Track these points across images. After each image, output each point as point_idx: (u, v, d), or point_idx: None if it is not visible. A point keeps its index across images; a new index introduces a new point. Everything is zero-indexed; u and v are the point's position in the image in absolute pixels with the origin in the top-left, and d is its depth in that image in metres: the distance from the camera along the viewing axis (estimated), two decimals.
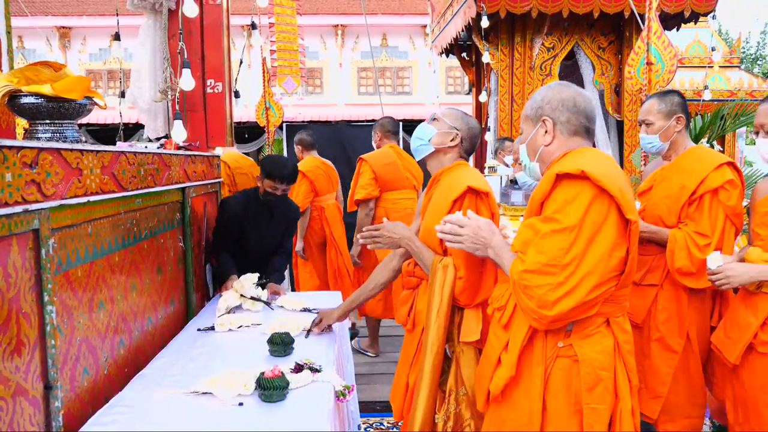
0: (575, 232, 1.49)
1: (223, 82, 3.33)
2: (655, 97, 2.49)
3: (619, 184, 1.53)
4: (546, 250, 1.51)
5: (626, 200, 1.51)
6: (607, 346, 1.59)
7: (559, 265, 1.49)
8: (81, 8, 14.35)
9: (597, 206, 1.50)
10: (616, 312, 1.61)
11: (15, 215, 1.34)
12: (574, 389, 1.57)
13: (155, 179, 2.28)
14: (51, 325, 1.47)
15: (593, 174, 1.49)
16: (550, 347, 1.60)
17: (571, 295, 1.48)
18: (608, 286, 1.53)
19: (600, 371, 1.57)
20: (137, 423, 1.63)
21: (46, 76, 1.83)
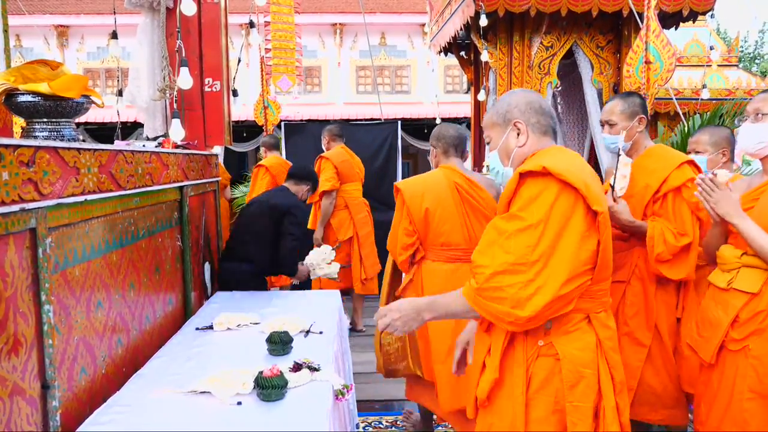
0: (541, 228, 1.49)
1: (221, 80, 3.32)
2: (618, 98, 2.56)
3: (584, 177, 1.54)
4: (513, 249, 1.50)
5: (592, 192, 1.52)
6: (589, 342, 1.59)
7: (528, 262, 1.48)
8: (79, 7, 14.31)
9: (562, 200, 1.51)
10: (595, 307, 1.61)
11: (12, 214, 1.34)
12: (556, 388, 1.56)
13: (153, 178, 2.28)
14: (48, 324, 1.47)
15: (555, 169, 1.51)
16: (531, 346, 1.59)
17: (542, 290, 1.47)
18: (582, 280, 1.53)
19: (582, 368, 1.57)
20: (135, 422, 1.63)
21: (43, 75, 1.82)
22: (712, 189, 2.01)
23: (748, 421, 1.94)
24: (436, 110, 10.37)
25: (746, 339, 1.97)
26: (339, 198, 4.85)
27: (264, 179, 5.15)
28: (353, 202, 4.91)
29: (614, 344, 1.64)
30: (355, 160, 5.07)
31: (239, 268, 3.22)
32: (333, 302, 2.97)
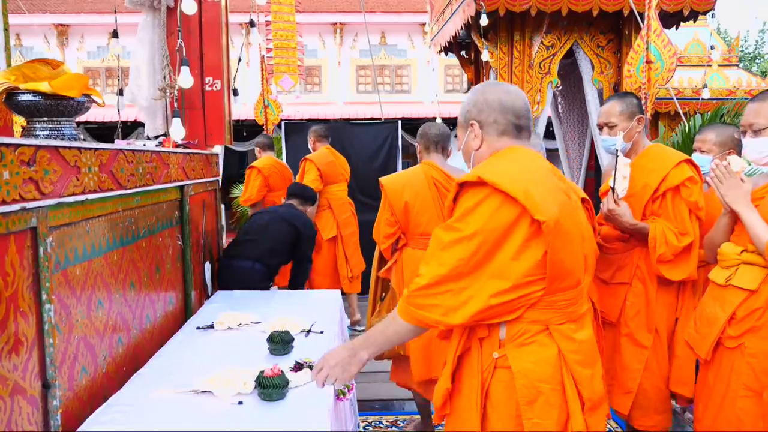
0: (476, 241, 1.43)
1: (221, 80, 3.32)
2: (615, 99, 2.54)
3: (527, 185, 1.44)
4: (446, 261, 1.46)
5: (534, 201, 1.42)
6: (547, 356, 1.49)
7: (460, 274, 1.44)
8: (79, 6, 14.30)
9: (500, 211, 1.44)
10: (556, 319, 1.50)
11: (12, 213, 1.34)
12: (516, 402, 1.49)
13: (153, 177, 2.27)
14: (49, 323, 1.47)
15: (491, 179, 1.44)
16: (486, 358, 1.54)
17: (472, 301, 1.44)
18: (524, 291, 1.45)
19: (539, 383, 1.47)
20: (136, 422, 1.62)
21: (44, 74, 1.82)
22: (725, 176, 2.01)
23: (742, 418, 1.93)
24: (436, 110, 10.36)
25: (742, 336, 1.96)
26: (322, 198, 4.97)
27: (256, 180, 5.13)
28: (337, 203, 5.04)
29: (583, 358, 1.52)
30: (340, 161, 5.18)
31: (252, 266, 3.29)
32: (334, 302, 2.96)
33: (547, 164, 1.62)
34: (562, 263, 1.47)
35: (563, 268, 1.47)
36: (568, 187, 1.61)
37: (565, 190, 1.56)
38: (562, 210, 1.47)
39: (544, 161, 1.62)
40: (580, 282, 1.55)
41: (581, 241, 1.56)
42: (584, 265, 1.57)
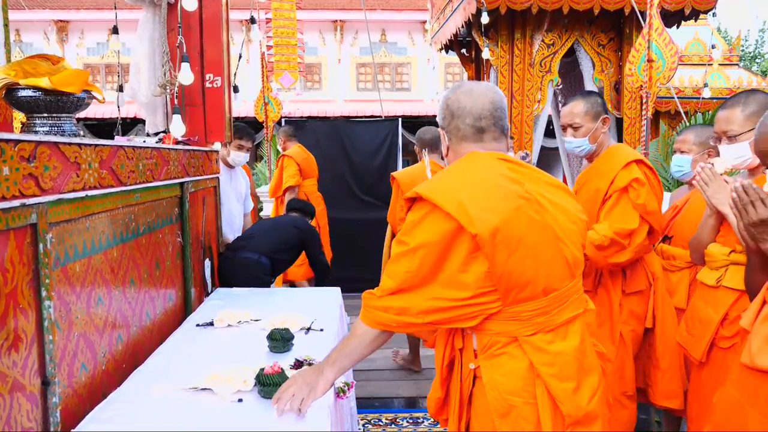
0: (419, 254, 1.42)
1: (222, 76, 3.31)
2: (579, 98, 2.46)
3: (461, 197, 1.41)
4: (395, 274, 1.46)
5: (466, 214, 1.38)
6: (517, 368, 1.45)
7: (410, 287, 1.44)
8: (79, 2, 14.28)
9: (441, 225, 1.42)
10: (524, 330, 1.45)
11: (12, 209, 1.33)
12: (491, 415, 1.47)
13: (154, 174, 2.27)
14: (49, 320, 1.46)
15: (427, 194, 1.44)
16: (465, 368, 1.54)
17: (417, 316, 1.44)
18: (477, 301, 1.42)
19: (509, 396, 1.44)
20: (135, 419, 1.62)
21: (44, 70, 1.81)
22: (710, 178, 1.98)
23: None
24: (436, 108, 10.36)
25: (736, 336, 1.95)
26: (300, 193, 5.30)
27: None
28: (312, 196, 5.36)
29: (559, 371, 1.45)
30: (311, 158, 5.48)
31: (258, 259, 3.34)
32: (334, 299, 2.96)
33: (500, 167, 1.51)
34: (513, 274, 1.41)
35: (516, 279, 1.42)
36: (535, 187, 1.52)
37: (523, 194, 1.46)
38: (508, 218, 1.41)
39: (496, 164, 1.52)
40: (551, 289, 1.47)
41: (548, 246, 1.47)
42: (559, 271, 1.49)
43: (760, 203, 1.51)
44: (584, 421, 1.46)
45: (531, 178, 1.54)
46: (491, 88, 1.62)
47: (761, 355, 1.45)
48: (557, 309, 1.48)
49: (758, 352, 1.46)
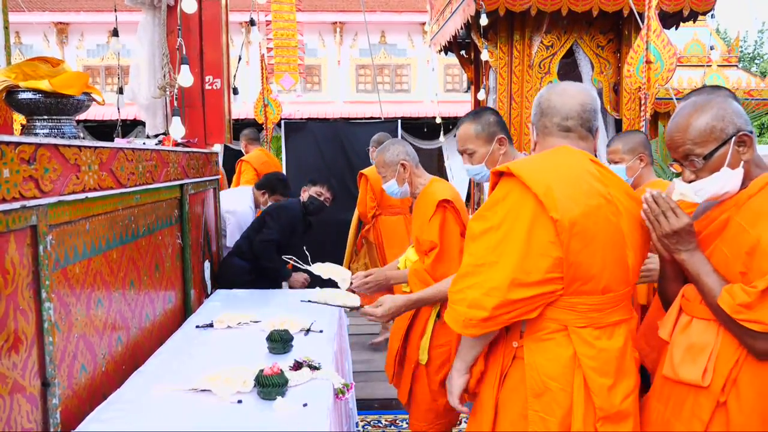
0: (503, 229, 1.49)
1: (221, 78, 3.32)
2: (468, 119, 2.21)
3: (550, 182, 1.49)
4: (474, 252, 1.53)
5: (552, 198, 1.46)
6: (561, 355, 1.49)
7: (486, 263, 1.49)
8: (78, 4, 14.28)
9: (526, 203, 1.49)
10: (577, 321, 1.50)
11: (13, 211, 1.34)
12: (525, 394, 1.52)
13: (153, 176, 2.27)
14: (49, 321, 1.47)
15: (517, 171, 1.52)
16: (508, 347, 1.58)
17: (493, 292, 1.46)
18: (543, 288, 1.46)
19: (547, 379, 1.48)
20: (135, 420, 1.63)
21: (44, 72, 1.81)
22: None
23: None
24: (436, 109, 10.36)
25: None
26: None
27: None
28: None
29: (600, 365, 1.48)
30: (273, 161, 5.44)
31: (238, 263, 3.37)
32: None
33: (589, 165, 1.56)
34: (581, 266, 1.46)
35: (584, 271, 1.47)
36: (617, 193, 1.55)
37: (606, 194, 1.51)
38: (588, 212, 1.46)
39: (585, 161, 1.57)
40: (609, 289, 1.51)
41: (616, 249, 1.52)
42: (620, 275, 1.53)
43: (671, 213, 1.48)
44: (615, 418, 1.50)
45: (614, 183, 1.58)
46: (584, 90, 1.66)
47: (684, 367, 1.47)
48: (610, 309, 1.54)
49: (681, 364, 1.48)
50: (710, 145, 1.45)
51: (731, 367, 1.42)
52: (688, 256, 1.49)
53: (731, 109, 1.46)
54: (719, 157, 1.45)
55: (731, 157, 1.45)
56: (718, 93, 1.52)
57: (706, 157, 1.46)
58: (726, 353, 1.43)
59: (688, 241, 1.49)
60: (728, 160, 1.45)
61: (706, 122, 1.45)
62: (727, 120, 1.44)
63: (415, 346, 2.42)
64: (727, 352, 1.43)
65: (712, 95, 1.50)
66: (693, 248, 1.49)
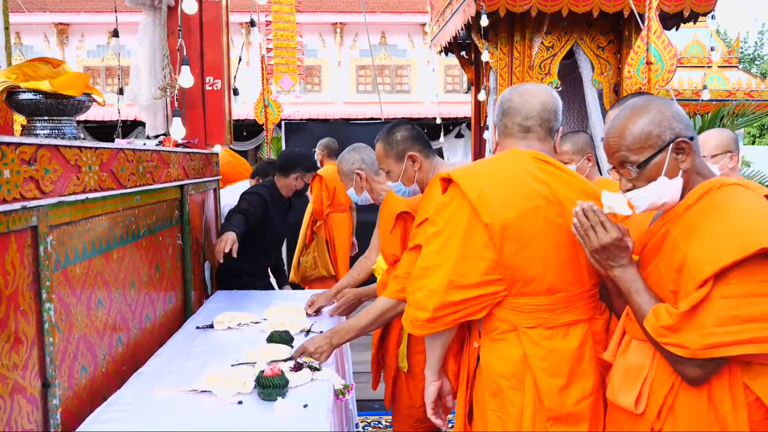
0: (446, 233, 1.54)
1: (221, 79, 3.32)
2: (380, 139, 2.23)
3: (483, 186, 1.55)
4: (425, 255, 1.59)
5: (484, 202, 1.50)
6: (512, 355, 1.52)
7: (431, 266, 1.54)
8: (79, 5, 14.30)
9: (463, 208, 1.55)
10: (525, 322, 1.51)
11: (13, 212, 1.33)
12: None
13: (154, 176, 2.27)
14: (49, 322, 1.47)
15: (455, 177, 1.60)
16: (471, 346, 1.65)
17: (434, 294, 1.51)
18: (484, 290, 1.49)
19: (500, 379, 1.52)
20: (136, 421, 1.62)
21: (44, 73, 1.81)
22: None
23: None
24: (436, 110, 10.36)
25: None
26: None
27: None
28: None
29: (550, 366, 1.49)
30: (239, 161, 5.35)
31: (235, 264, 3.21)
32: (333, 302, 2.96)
33: (532, 167, 1.56)
34: (519, 268, 1.48)
35: (522, 273, 1.49)
36: (567, 192, 1.54)
37: (547, 195, 1.51)
38: (523, 215, 1.48)
39: (529, 164, 1.57)
40: (557, 290, 1.51)
41: (562, 249, 1.50)
42: (570, 275, 1.52)
43: (601, 227, 1.40)
44: (567, 419, 1.49)
45: (563, 182, 1.58)
46: (546, 91, 1.67)
47: (621, 391, 1.40)
48: (562, 309, 1.52)
49: (619, 388, 1.42)
50: (645, 153, 1.35)
51: (666, 392, 1.33)
52: (621, 272, 1.41)
53: (670, 113, 1.35)
54: (655, 165, 1.35)
55: (668, 165, 1.34)
56: (658, 97, 1.44)
57: (641, 166, 1.36)
58: (661, 378, 1.35)
59: (619, 257, 1.41)
60: (665, 169, 1.34)
61: (642, 127, 1.35)
62: (664, 125, 1.34)
63: (392, 354, 2.41)
64: (662, 376, 1.35)
65: (651, 99, 1.42)
66: (625, 264, 1.41)
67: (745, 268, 1.20)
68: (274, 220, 3.35)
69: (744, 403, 1.25)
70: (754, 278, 1.20)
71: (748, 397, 1.26)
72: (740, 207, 1.27)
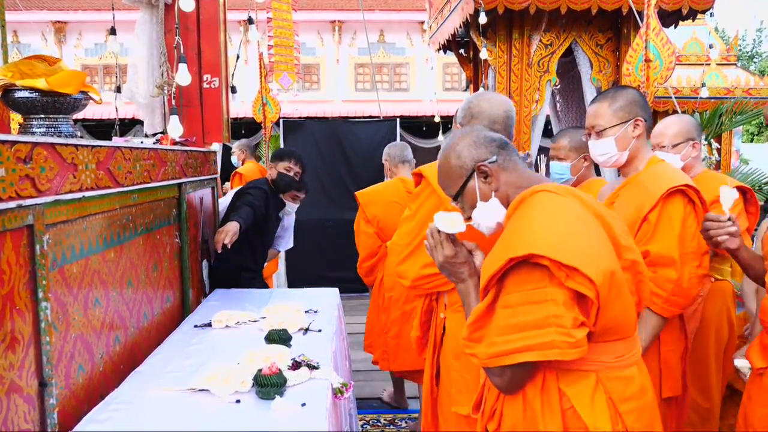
0: (417, 218, 1.99)
1: (219, 77, 3.31)
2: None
3: None
4: (402, 234, 2.04)
5: None
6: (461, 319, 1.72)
7: (406, 243, 2.00)
8: (76, 3, 14.25)
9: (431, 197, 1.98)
10: None
11: (9, 211, 1.33)
12: None
13: (151, 175, 2.27)
14: (46, 321, 1.46)
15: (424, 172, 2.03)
16: (438, 316, 2.03)
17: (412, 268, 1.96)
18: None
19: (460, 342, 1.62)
20: (133, 420, 1.62)
21: (41, 70, 1.80)
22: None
23: None
24: (434, 108, 10.35)
25: None
26: None
27: None
28: None
29: None
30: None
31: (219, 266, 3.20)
32: (332, 300, 2.96)
33: None
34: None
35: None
36: None
37: None
38: None
39: None
40: None
41: None
42: None
43: (439, 247, 1.50)
44: None
45: None
46: (506, 101, 2.01)
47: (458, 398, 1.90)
48: None
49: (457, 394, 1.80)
50: (457, 184, 1.46)
51: (495, 399, 1.39)
52: (460, 287, 1.53)
53: (467, 142, 1.45)
54: (469, 193, 1.46)
55: (480, 190, 1.44)
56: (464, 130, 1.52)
57: (456, 197, 1.48)
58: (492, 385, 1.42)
59: (457, 272, 1.52)
60: (479, 194, 1.44)
61: (450, 164, 1.46)
62: (464, 156, 1.44)
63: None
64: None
65: (455, 135, 1.52)
66: (464, 278, 1.51)
67: (520, 276, 1.23)
68: (271, 217, 3.35)
69: (558, 408, 1.26)
70: (528, 286, 1.22)
71: (565, 404, 1.27)
72: (527, 215, 1.32)
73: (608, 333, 1.26)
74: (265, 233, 3.31)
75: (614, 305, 1.23)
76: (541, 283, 1.20)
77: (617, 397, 1.25)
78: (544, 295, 1.19)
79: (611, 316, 1.23)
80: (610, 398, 1.25)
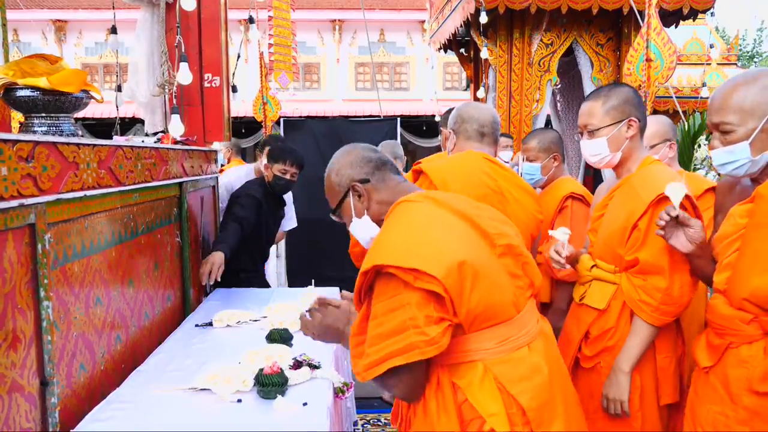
0: None
1: (220, 76, 3.30)
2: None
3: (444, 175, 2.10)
4: None
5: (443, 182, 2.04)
6: None
7: None
8: (77, 1, 14.24)
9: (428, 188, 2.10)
10: None
11: (11, 210, 1.33)
12: None
13: (152, 174, 2.27)
14: (47, 320, 1.46)
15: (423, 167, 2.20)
16: None
17: None
18: None
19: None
20: (134, 419, 1.62)
21: (42, 69, 1.80)
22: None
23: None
24: (435, 107, 10.35)
25: (597, 356, 1.87)
26: None
27: None
28: None
29: None
30: None
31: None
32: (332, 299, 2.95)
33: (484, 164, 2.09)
34: None
35: None
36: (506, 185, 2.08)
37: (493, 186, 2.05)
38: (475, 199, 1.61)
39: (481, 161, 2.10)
40: None
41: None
42: None
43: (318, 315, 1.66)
44: None
45: (505, 178, 2.11)
46: (491, 108, 2.25)
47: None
48: None
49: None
50: (336, 200, 1.54)
51: (406, 407, 1.42)
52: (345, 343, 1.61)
53: (346, 161, 1.53)
54: (345, 209, 1.54)
55: (354, 207, 1.52)
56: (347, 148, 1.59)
57: (334, 212, 1.57)
58: None
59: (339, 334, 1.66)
60: (354, 211, 1.52)
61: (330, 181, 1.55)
62: (341, 174, 1.52)
63: None
64: None
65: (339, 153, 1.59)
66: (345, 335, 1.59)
67: (381, 287, 1.27)
68: (268, 218, 3.33)
69: (452, 405, 1.28)
70: (388, 295, 1.25)
71: (460, 398, 1.29)
72: (383, 229, 1.39)
73: (482, 320, 1.27)
74: (260, 235, 3.30)
75: (474, 293, 1.24)
76: (398, 291, 1.24)
77: (506, 379, 1.28)
78: (401, 300, 1.23)
79: (476, 304, 1.25)
80: (500, 382, 1.27)
